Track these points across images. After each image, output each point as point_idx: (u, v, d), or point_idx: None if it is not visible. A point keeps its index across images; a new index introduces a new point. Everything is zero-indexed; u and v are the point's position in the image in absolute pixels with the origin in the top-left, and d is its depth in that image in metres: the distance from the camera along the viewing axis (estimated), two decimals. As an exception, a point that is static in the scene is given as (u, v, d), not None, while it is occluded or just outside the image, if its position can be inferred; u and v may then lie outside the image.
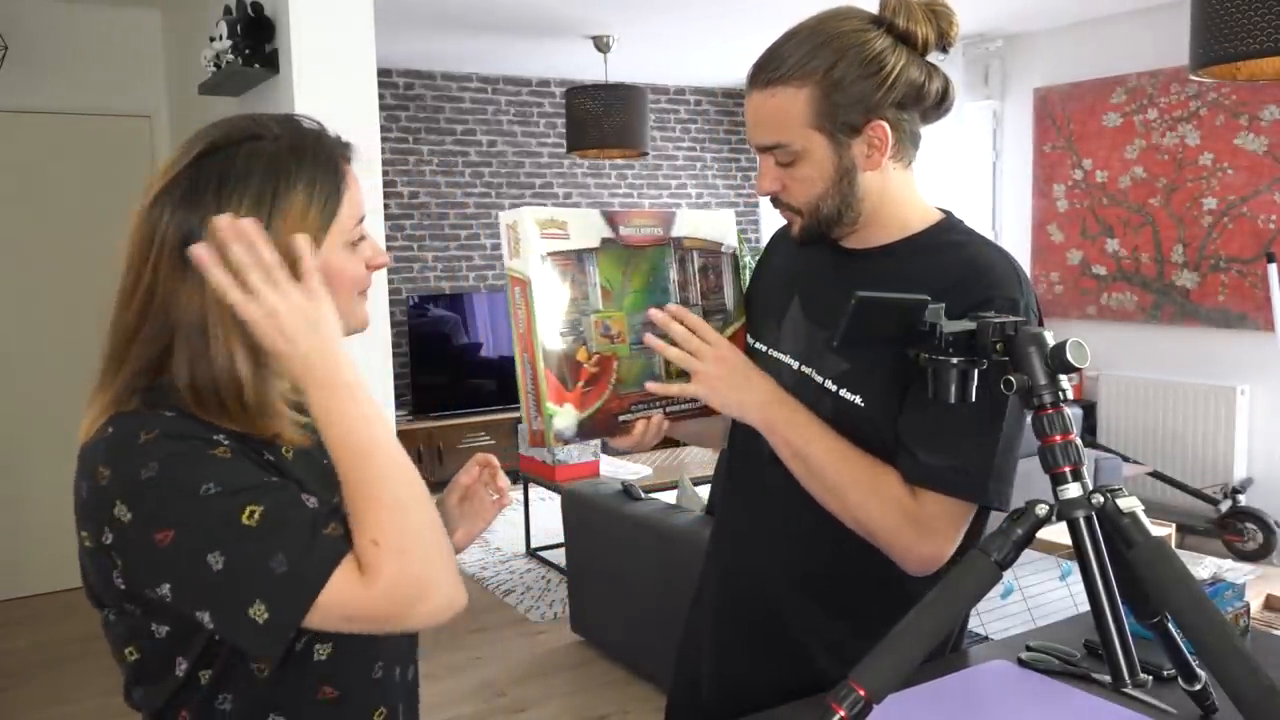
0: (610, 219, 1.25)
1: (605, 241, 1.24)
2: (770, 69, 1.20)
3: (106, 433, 0.95)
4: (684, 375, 1.27)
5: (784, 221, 1.34)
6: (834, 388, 1.25)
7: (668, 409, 1.29)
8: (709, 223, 1.35)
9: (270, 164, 0.98)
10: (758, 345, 1.36)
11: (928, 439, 1.19)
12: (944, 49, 1.24)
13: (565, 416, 1.21)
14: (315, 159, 1.00)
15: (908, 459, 1.20)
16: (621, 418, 1.26)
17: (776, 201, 1.28)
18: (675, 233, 1.31)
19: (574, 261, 1.21)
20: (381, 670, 1.07)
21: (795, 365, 1.29)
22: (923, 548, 1.20)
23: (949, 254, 1.25)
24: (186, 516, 0.89)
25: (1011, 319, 1.05)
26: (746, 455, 1.38)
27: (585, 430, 1.23)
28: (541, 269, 1.18)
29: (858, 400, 1.23)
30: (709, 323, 1.31)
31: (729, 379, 1.23)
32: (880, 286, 1.12)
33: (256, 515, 0.89)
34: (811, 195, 1.23)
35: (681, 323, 1.25)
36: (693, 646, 1.49)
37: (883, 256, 1.28)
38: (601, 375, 1.23)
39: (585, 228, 1.23)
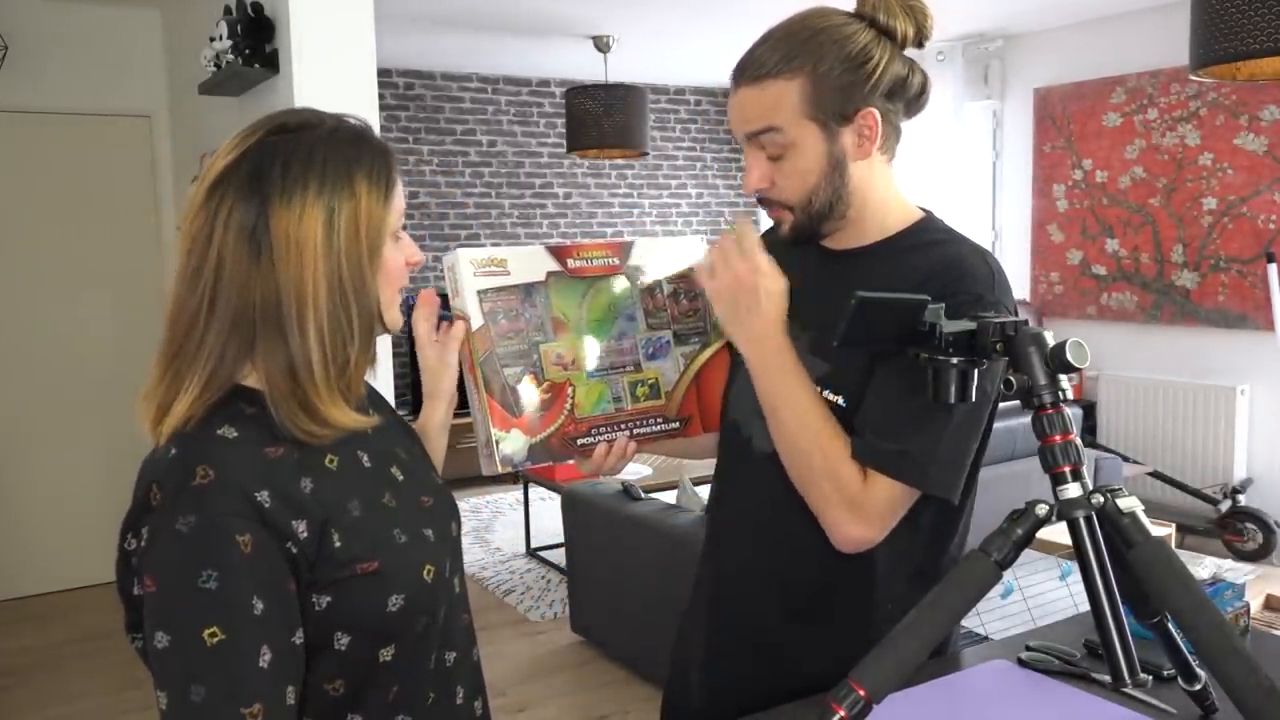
0: (556, 253, 1.30)
1: (551, 275, 1.29)
2: (757, 66, 1.21)
3: (169, 454, 0.94)
4: (654, 395, 1.33)
5: (771, 224, 1.35)
6: (817, 389, 1.25)
7: (634, 431, 1.32)
8: (676, 249, 1.38)
9: (332, 150, 0.99)
10: None
11: (879, 422, 1.20)
12: (920, 44, 1.27)
13: (513, 441, 1.25)
14: (372, 149, 1.02)
15: (858, 440, 1.20)
16: (580, 441, 1.29)
17: (766, 201, 1.27)
18: (635, 261, 1.35)
19: (518, 296, 1.26)
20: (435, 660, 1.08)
21: None
22: (854, 529, 1.20)
23: (927, 253, 1.25)
24: (170, 588, 0.89)
25: (1011, 319, 1.05)
26: (737, 455, 1.38)
27: (538, 453, 1.26)
28: (477, 306, 1.24)
29: (840, 401, 1.24)
30: (685, 347, 1.35)
31: (733, 297, 1.21)
32: (863, 288, 1.12)
33: (214, 640, 0.88)
34: (804, 189, 1.23)
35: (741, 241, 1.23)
36: (685, 648, 1.49)
37: (865, 257, 1.28)
38: (554, 401, 1.28)
39: (528, 263, 1.28)
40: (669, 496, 3.90)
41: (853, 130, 1.22)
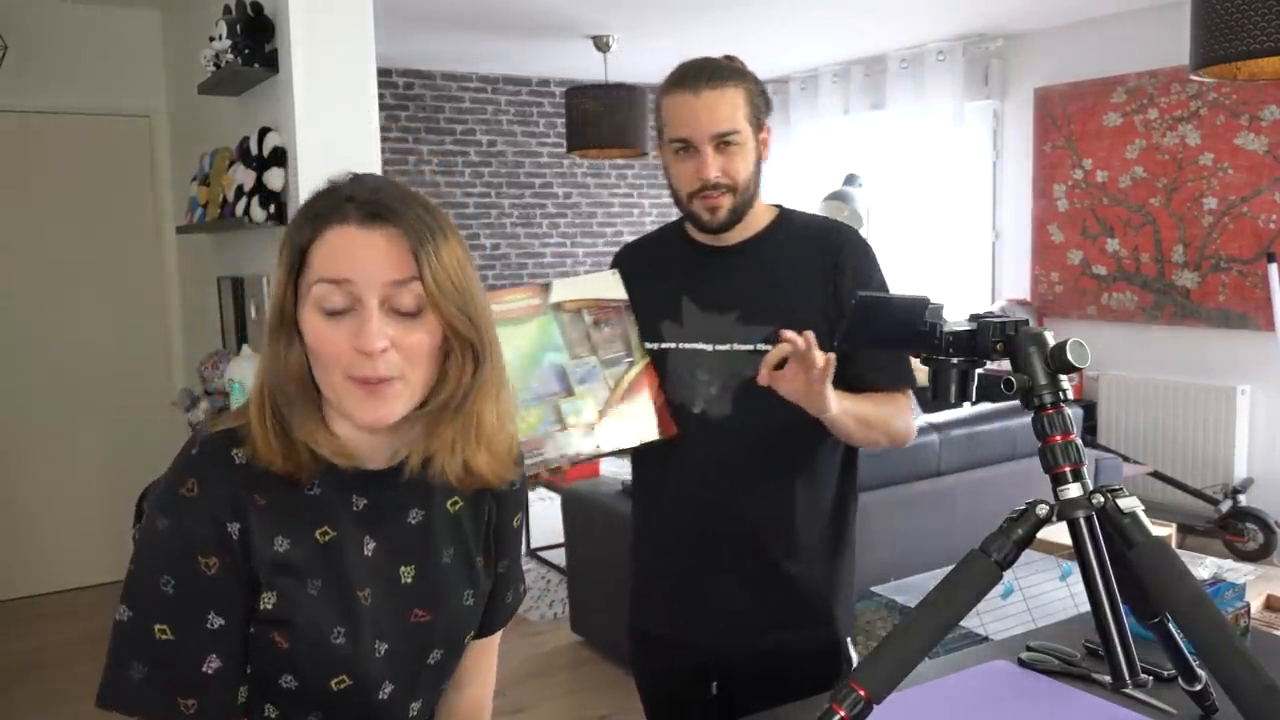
0: None
1: None
2: (718, 76, 1.56)
3: (194, 447, 0.99)
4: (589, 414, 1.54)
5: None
6: (765, 347, 1.49)
7: (572, 457, 1.52)
8: (593, 283, 1.60)
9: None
10: (665, 345, 1.61)
11: (877, 367, 1.60)
12: None
13: None
14: (300, 217, 0.98)
15: (876, 378, 1.59)
16: (527, 460, 1.44)
17: (714, 188, 1.57)
18: (555, 298, 1.55)
19: None
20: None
21: (710, 348, 1.59)
22: (913, 428, 1.64)
23: (804, 227, 1.66)
24: (140, 576, 0.98)
25: (1012, 320, 1.05)
26: (688, 429, 1.59)
27: None
28: None
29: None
30: (612, 370, 1.58)
31: (804, 397, 1.46)
32: (765, 267, 1.57)
33: (163, 637, 0.96)
34: (745, 177, 1.59)
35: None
36: (665, 607, 1.69)
37: (754, 244, 1.63)
38: None
39: None
40: (669, 496, 3.90)
41: (760, 139, 1.61)
